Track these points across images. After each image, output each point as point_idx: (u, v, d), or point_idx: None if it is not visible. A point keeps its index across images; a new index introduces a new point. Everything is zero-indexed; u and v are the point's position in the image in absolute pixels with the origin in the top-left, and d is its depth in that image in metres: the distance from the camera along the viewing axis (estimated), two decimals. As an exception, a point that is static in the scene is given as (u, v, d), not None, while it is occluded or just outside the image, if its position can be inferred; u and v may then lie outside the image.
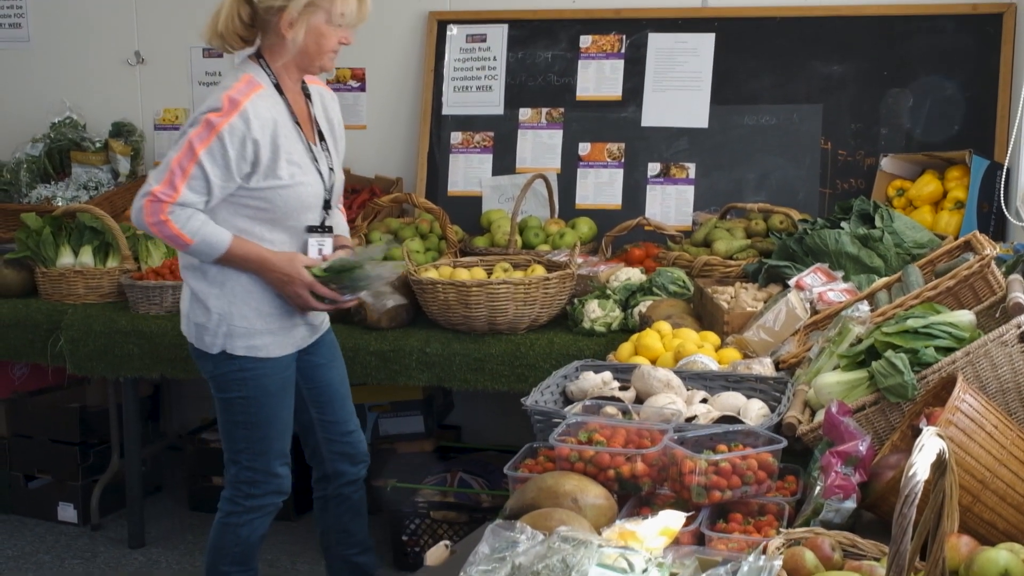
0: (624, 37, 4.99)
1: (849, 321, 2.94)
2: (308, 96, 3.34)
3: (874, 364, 2.59)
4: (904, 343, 2.60)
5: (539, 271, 4.03)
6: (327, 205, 3.31)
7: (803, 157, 4.77)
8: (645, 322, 3.71)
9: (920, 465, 1.66)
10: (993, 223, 4.23)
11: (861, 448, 2.32)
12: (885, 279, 3.46)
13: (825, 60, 4.76)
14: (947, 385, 2.45)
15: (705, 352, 3.24)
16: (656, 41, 4.97)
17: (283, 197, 3.16)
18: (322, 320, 3.47)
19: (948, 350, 2.57)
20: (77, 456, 4.90)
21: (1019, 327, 2.49)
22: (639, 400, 2.88)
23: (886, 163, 4.57)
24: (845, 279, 3.70)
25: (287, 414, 3.35)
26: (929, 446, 1.71)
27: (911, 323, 2.64)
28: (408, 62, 5.24)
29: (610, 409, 2.72)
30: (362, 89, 5.33)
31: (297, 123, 3.21)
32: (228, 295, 3.22)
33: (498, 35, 5.08)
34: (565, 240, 4.57)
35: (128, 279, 4.45)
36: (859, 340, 2.88)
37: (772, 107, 4.80)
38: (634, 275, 4.11)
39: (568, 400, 2.98)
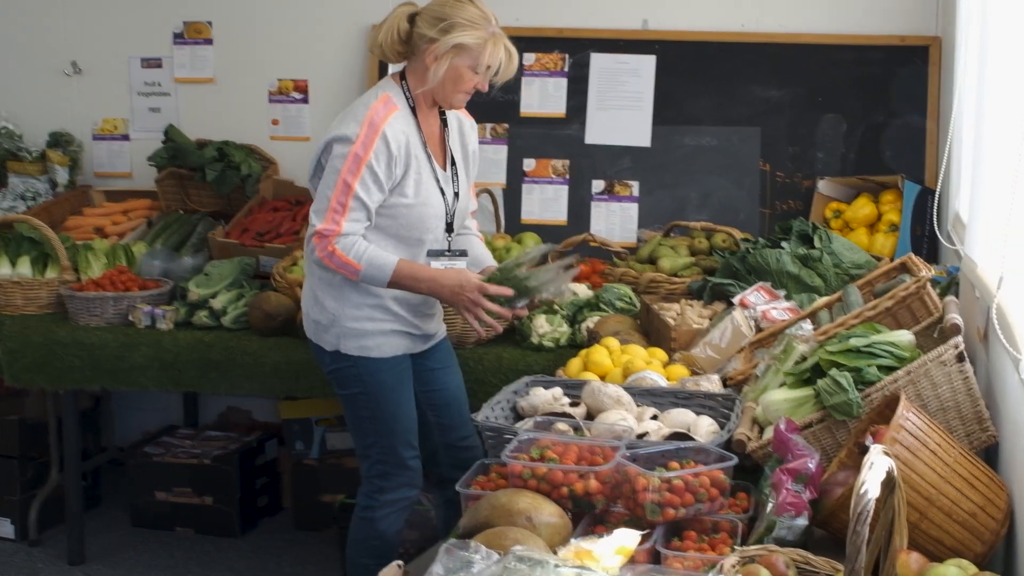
0: (567, 56, 5.02)
1: (793, 339, 2.98)
2: (445, 122, 3.43)
3: (819, 382, 2.63)
4: (848, 361, 2.64)
5: (486, 286, 4.02)
6: (450, 228, 3.40)
7: (743, 178, 4.84)
8: (593, 338, 3.73)
9: (871, 483, 1.68)
10: (926, 246, 4.33)
11: (810, 465, 2.36)
12: (826, 298, 3.52)
13: (763, 85, 4.83)
14: (890, 403, 2.49)
15: (653, 368, 3.26)
16: (598, 61, 5.01)
17: (405, 215, 3.27)
18: (436, 331, 3.53)
19: (890, 369, 2.62)
20: (16, 470, 4.79)
21: (956, 347, 2.54)
22: (590, 416, 2.89)
23: (823, 186, 4.66)
24: (787, 298, 3.76)
25: (409, 408, 3.42)
26: (878, 464, 1.74)
27: (854, 342, 2.69)
28: (351, 74, 5.21)
29: (561, 425, 2.72)
30: (305, 101, 5.30)
31: (426, 146, 3.30)
32: (343, 297, 3.30)
33: (441, 50, 5.08)
34: (511, 255, 4.56)
35: (68, 290, 4.39)
36: (803, 358, 2.92)
37: (712, 128, 4.86)
38: (581, 291, 4.13)
39: (519, 416, 2.97)
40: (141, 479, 4.95)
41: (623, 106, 4.95)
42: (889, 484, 1.86)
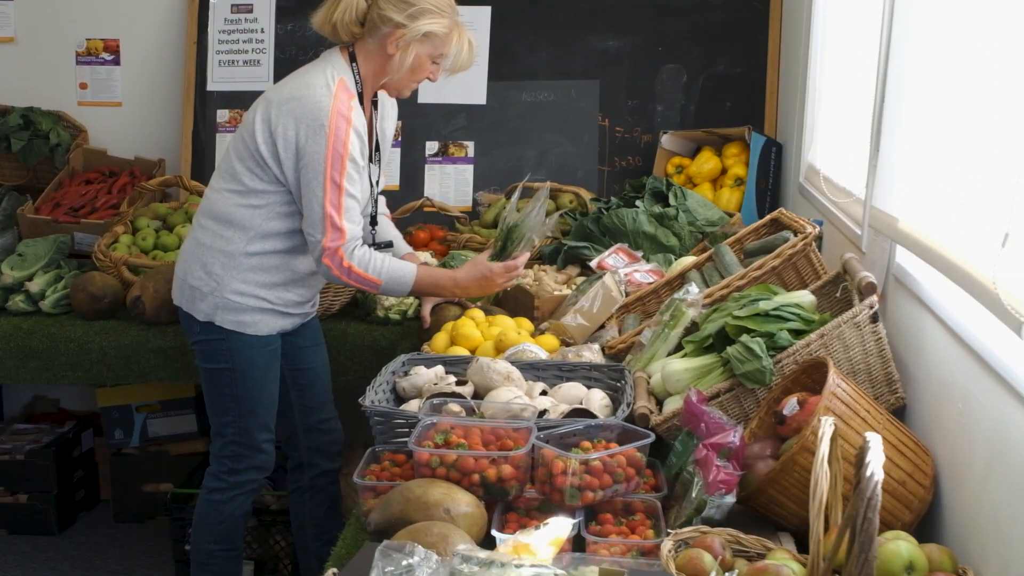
0: (394, 9, 4.84)
1: (681, 304, 2.94)
2: (375, 105, 3.30)
3: (729, 349, 2.59)
4: (758, 326, 2.61)
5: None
6: (373, 220, 3.38)
7: (581, 134, 4.79)
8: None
9: (875, 465, 1.64)
10: (769, 199, 4.39)
11: (734, 439, 2.31)
12: (693, 259, 3.50)
13: (601, 35, 4.78)
14: (806, 369, 2.48)
15: (524, 340, 3.18)
16: (429, 14, 4.83)
17: None
18: (312, 306, 3.46)
19: (799, 333, 2.61)
20: None
21: (871, 307, 2.55)
22: (477, 395, 2.78)
23: (666, 140, 4.64)
24: (646, 259, 3.74)
25: (273, 389, 3.36)
26: (874, 443, 1.69)
27: (762, 305, 2.66)
28: (168, 33, 4.93)
29: (453, 407, 2.60)
30: (116, 63, 4.98)
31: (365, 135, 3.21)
32: (235, 267, 3.17)
33: (265, 6, 4.82)
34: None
35: None
36: (694, 324, 2.90)
37: (550, 83, 4.80)
38: (426, 259, 4.00)
39: (400, 397, 2.84)
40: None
41: (456, 62, 4.80)
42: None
